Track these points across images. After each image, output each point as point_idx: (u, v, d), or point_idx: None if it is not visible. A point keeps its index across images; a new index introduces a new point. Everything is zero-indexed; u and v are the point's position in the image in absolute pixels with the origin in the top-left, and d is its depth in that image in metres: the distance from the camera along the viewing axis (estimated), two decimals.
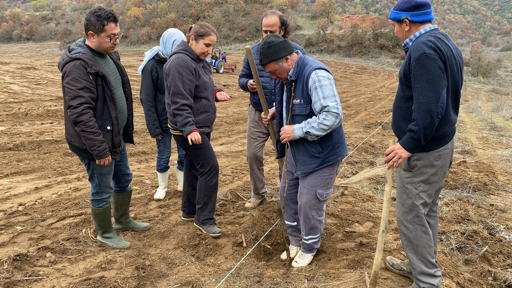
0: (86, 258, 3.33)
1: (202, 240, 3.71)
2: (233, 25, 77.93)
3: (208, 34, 3.60)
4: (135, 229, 3.95)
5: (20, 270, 3.04)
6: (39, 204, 4.58)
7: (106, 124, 3.19)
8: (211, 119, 3.82)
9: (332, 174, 3.15)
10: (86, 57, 3.05)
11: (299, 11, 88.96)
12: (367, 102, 18.33)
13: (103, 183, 3.41)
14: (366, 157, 7.18)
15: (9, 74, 19.11)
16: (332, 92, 2.88)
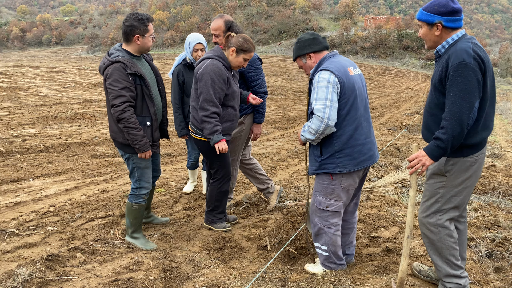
0: (115, 259, 3.41)
1: (227, 243, 3.74)
2: (256, 27, 78.18)
3: (251, 50, 3.64)
4: (155, 223, 4.13)
5: (52, 270, 3.13)
6: (69, 205, 4.71)
7: (146, 120, 3.45)
8: (234, 127, 3.87)
9: (334, 185, 2.98)
10: (125, 60, 3.32)
11: (322, 13, 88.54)
12: (391, 104, 18.08)
13: (143, 178, 3.59)
14: (392, 160, 7.09)
15: (39, 77, 19.69)
16: (325, 95, 2.77)
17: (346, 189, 3.02)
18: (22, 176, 5.90)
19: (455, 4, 2.53)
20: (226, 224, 4.05)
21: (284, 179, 5.98)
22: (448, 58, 2.49)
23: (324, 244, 3.12)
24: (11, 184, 5.54)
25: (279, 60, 47.55)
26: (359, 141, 2.94)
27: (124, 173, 6.19)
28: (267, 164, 6.92)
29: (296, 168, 6.76)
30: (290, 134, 9.99)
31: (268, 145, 8.54)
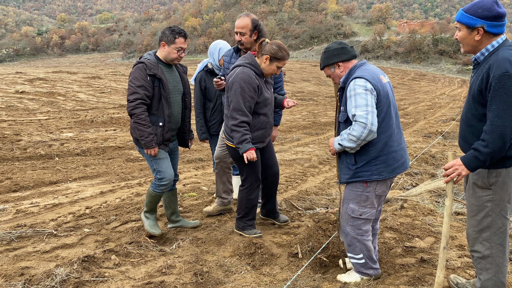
0: (147, 262, 3.47)
1: (257, 249, 3.73)
2: (287, 33, 78.24)
3: (284, 58, 3.64)
4: (185, 227, 4.21)
5: (88, 271, 3.22)
6: (104, 208, 4.83)
7: (159, 120, 3.64)
8: (267, 135, 3.87)
9: (368, 192, 2.95)
10: (149, 62, 3.58)
11: (354, 18, 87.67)
12: (426, 110, 17.64)
13: (161, 168, 3.75)
14: (426, 168, 6.90)
15: (76, 83, 20.40)
16: (365, 101, 2.73)
17: (379, 196, 3.01)
18: (60, 178, 6.11)
19: (500, 8, 2.38)
20: (257, 230, 4.05)
21: (315, 186, 5.92)
22: (489, 67, 2.36)
23: (359, 253, 3.08)
24: (50, 186, 5.75)
25: (310, 65, 47.33)
26: (393, 148, 2.92)
27: None
28: (297, 170, 6.88)
29: (328, 175, 6.69)
30: (321, 140, 9.91)
31: (299, 151, 8.49)
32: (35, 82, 19.22)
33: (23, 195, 5.30)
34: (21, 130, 9.42)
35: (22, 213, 4.63)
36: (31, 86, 18.03)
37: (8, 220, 4.40)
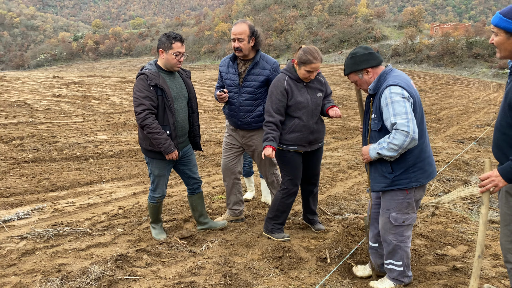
0: (178, 262, 3.55)
1: (286, 252, 3.75)
2: (316, 37, 77.90)
3: (310, 62, 3.66)
4: (213, 228, 4.28)
5: (121, 269, 3.32)
6: (136, 209, 4.97)
7: (166, 129, 3.69)
8: (305, 138, 3.85)
9: (409, 199, 2.94)
10: (149, 72, 3.62)
11: (385, 21, 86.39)
12: (459, 115, 17.18)
13: (156, 183, 3.95)
14: (459, 174, 6.73)
15: (110, 87, 20.98)
16: (404, 109, 2.70)
17: (417, 200, 3.02)
18: (95, 179, 6.31)
19: None
20: (285, 234, 4.07)
21: (344, 191, 5.88)
22: None
23: (399, 260, 3.05)
24: (84, 186, 5.95)
25: (339, 69, 46.95)
26: (427, 153, 2.93)
27: None
28: (326, 175, 6.85)
29: (357, 180, 6.63)
30: (350, 145, 9.82)
31: (327, 155, 8.45)
32: (71, 86, 19.91)
33: (60, 195, 5.51)
34: (57, 132, 9.78)
35: (59, 212, 4.81)
36: (67, 90, 18.68)
37: (46, 219, 4.58)
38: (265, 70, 4.03)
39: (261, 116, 4.04)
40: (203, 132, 10.86)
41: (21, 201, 5.20)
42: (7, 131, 9.61)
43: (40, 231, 4.14)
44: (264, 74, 4.03)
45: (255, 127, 4.16)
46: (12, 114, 12.23)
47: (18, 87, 19.97)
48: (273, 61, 4.09)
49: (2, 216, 4.60)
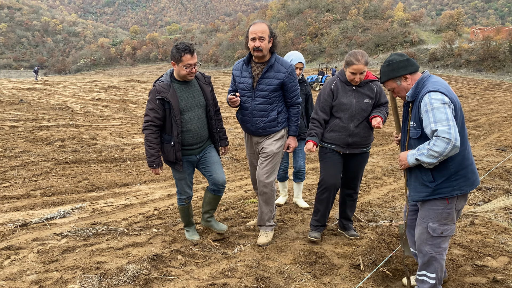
0: (211, 264, 3.60)
1: (318, 258, 3.73)
2: (351, 41, 77.05)
3: (352, 63, 3.74)
4: (213, 229, 4.32)
5: (156, 269, 3.41)
6: (171, 210, 5.07)
7: (171, 140, 3.74)
8: (343, 140, 3.92)
9: (449, 209, 2.83)
10: (160, 85, 3.70)
11: (422, 25, 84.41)
12: (501, 122, 16.52)
13: (179, 186, 4.04)
14: (500, 183, 6.48)
15: (146, 91, 21.51)
16: (445, 115, 2.62)
17: (458, 210, 2.90)
18: (131, 181, 6.49)
19: None
20: (316, 235, 4.12)
21: (378, 198, 5.79)
22: None
23: (433, 272, 2.95)
24: (122, 187, 6.13)
25: (375, 73, 46.17)
26: (469, 161, 2.83)
27: None
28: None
29: (392, 187, 6.50)
30: (385, 151, 9.65)
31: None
32: (109, 90, 20.56)
33: (98, 195, 5.70)
34: (96, 135, 10.12)
35: (98, 211, 4.98)
36: (106, 94, 19.30)
37: (86, 218, 4.75)
38: (280, 73, 3.84)
39: (275, 121, 3.93)
40: (236, 136, 10.95)
41: (62, 200, 5.42)
42: (49, 133, 10.03)
43: (80, 230, 4.30)
44: (279, 78, 3.84)
45: (268, 132, 3.98)
46: (54, 116, 12.75)
47: (60, 91, 20.83)
48: (289, 64, 3.90)
49: (45, 214, 4.81)
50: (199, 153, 3.97)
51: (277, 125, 3.95)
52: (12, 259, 3.66)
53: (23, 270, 3.46)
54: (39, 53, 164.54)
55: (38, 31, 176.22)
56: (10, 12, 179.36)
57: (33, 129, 10.53)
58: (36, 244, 3.99)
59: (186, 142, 3.82)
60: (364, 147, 4.03)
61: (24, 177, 6.45)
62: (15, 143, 8.75)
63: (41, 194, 5.64)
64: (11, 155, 7.75)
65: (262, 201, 4.07)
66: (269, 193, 4.03)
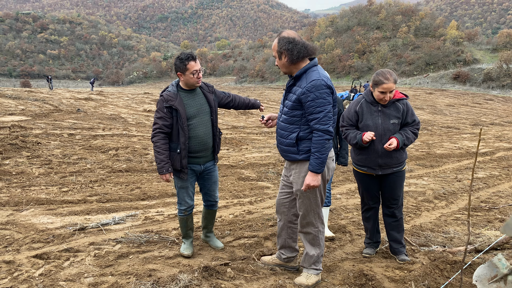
0: (260, 279, 3.61)
1: (368, 280, 3.65)
2: (400, 59, 75.49)
3: (381, 83, 3.78)
4: (210, 245, 4.39)
5: (207, 280, 3.47)
6: (219, 222, 5.15)
7: (177, 147, 3.84)
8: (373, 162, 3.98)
9: None
10: (167, 95, 3.83)
11: (477, 44, 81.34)
12: None
13: (179, 196, 4.07)
14: None
15: None
16: None
17: None
18: None
19: None
20: (368, 251, 4.30)
21: (430, 222, 5.59)
22: None
23: None
24: (172, 197, 6.29)
25: (424, 92, 44.88)
26: None
27: (266, 197, 6.52)
28: (410, 203, 6.57)
29: (444, 211, 6.26)
30: (436, 173, 9.31)
31: (412, 183, 8.09)
32: None
33: (150, 204, 5.89)
34: (148, 145, 10.49)
35: (150, 220, 5.14)
36: None
37: (139, 225, 4.93)
38: (298, 89, 3.26)
39: (294, 146, 3.37)
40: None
41: (117, 207, 5.65)
42: (104, 142, 10.51)
43: (133, 237, 4.45)
44: (296, 93, 3.27)
45: (290, 158, 3.45)
46: (108, 126, 13.36)
47: (113, 101, 21.80)
48: (312, 79, 3.19)
49: (101, 220, 5.03)
50: (204, 164, 4.05)
51: (297, 152, 3.37)
52: (71, 261, 3.86)
53: (81, 272, 3.63)
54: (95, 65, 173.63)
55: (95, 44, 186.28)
56: (72, 26, 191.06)
57: (89, 137, 11.07)
58: (93, 248, 4.18)
59: (193, 149, 3.90)
60: (397, 166, 3.99)
61: (82, 183, 6.78)
62: (73, 150, 9.24)
63: (97, 200, 5.91)
64: (69, 162, 8.19)
65: (306, 240, 3.62)
66: (313, 233, 3.56)
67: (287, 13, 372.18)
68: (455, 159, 11.18)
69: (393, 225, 4.16)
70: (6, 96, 18.74)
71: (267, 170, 8.57)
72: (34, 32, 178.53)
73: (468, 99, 38.90)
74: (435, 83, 59.68)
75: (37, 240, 4.31)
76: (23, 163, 7.82)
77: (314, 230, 3.56)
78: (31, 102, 17.92)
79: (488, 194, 7.29)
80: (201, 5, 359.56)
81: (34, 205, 5.53)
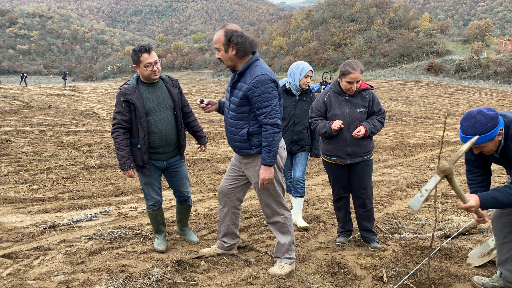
0: (233, 270, 3.62)
1: (341, 268, 3.71)
2: (375, 51, 76.50)
3: (348, 72, 3.86)
4: (185, 239, 4.37)
5: (180, 274, 3.45)
6: (194, 216, 5.13)
7: (137, 142, 3.75)
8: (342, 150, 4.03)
9: None
10: (125, 88, 3.73)
11: (449, 35, 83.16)
12: None
13: (145, 192, 3.98)
14: None
15: None
16: None
17: None
18: None
19: None
20: (342, 239, 4.36)
21: (402, 210, 5.71)
22: None
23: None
24: None
25: (399, 84, 45.69)
26: None
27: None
28: (383, 192, 6.69)
29: None
30: (409, 163, 9.51)
31: (385, 172, 8.24)
32: None
33: (123, 200, 5.82)
34: None
35: (123, 216, 5.08)
36: None
37: (112, 221, 4.86)
38: (244, 85, 3.24)
39: (246, 142, 3.37)
40: None
41: (89, 203, 5.55)
42: (77, 138, 10.31)
43: (106, 233, 4.39)
44: (242, 90, 3.26)
45: (243, 154, 3.44)
46: (81, 122, 13.10)
47: (87, 97, 21.37)
48: (256, 74, 3.19)
49: (72, 217, 4.94)
50: (167, 160, 3.92)
51: (250, 147, 3.37)
52: (41, 260, 3.78)
53: (51, 270, 3.56)
54: (68, 60, 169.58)
55: (67, 39, 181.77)
56: (42, 20, 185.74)
57: (61, 134, 10.83)
58: (64, 246, 4.10)
59: (153, 144, 3.78)
60: (365, 155, 4.06)
61: (53, 180, 6.64)
62: (44, 147, 9.02)
63: (68, 197, 5.80)
64: (40, 159, 7.99)
65: (275, 230, 3.63)
66: (280, 221, 3.58)
67: (263, 6, 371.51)
68: (428, 149, 11.43)
69: (363, 216, 4.23)
70: None
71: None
72: (3, 27, 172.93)
73: (441, 90, 39.81)
74: (409, 74, 60.79)
75: (5, 240, 4.20)
76: None
77: (281, 218, 3.58)
78: (0, 98, 17.38)
79: (459, 181, 7.49)
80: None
81: (2, 204, 5.38)
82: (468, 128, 2.61)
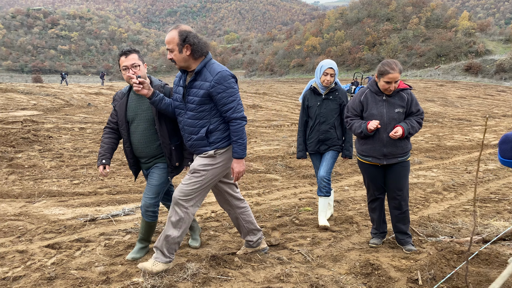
0: (266, 268, 3.66)
1: (374, 270, 3.68)
2: (411, 51, 74.72)
3: (387, 72, 3.80)
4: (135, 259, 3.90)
5: (214, 269, 3.53)
6: (227, 214, 5.20)
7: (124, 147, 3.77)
8: (378, 151, 3.97)
9: None
10: (117, 93, 3.78)
11: (489, 35, 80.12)
12: None
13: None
14: None
15: None
16: None
17: None
18: None
19: None
20: (375, 241, 4.28)
21: (438, 213, 5.59)
22: None
23: None
24: None
25: (435, 84, 44.42)
26: None
27: (274, 189, 6.56)
28: (418, 195, 6.56)
29: (453, 202, 6.24)
30: (446, 165, 9.27)
31: (421, 174, 8.07)
32: None
33: None
34: None
35: (159, 211, 5.21)
36: None
37: None
38: (205, 83, 3.25)
39: (204, 140, 3.35)
40: (290, 144, 10.98)
41: (126, 199, 5.74)
42: None
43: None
44: (204, 88, 3.25)
45: (201, 151, 3.41)
46: None
47: None
48: (217, 71, 3.24)
49: (111, 211, 5.12)
50: (147, 170, 3.78)
51: (208, 145, 3.37)
52: (82, 251, 3.95)
53: (92, 261, 3.72)
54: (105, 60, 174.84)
55: (105, 40, 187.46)
56: (82, 21, 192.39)
57: (99, 131, 11.20)
58: (103, 238, 4.27)
59: (129, 154, 3.73)
60: (402, 156, 4.00)
61: (92, 175, 6.89)
62: (84, 144, 9.38)
63: (107, 192, 6.01)
64: (80, 155, 8.31)
65: (170, 219, 3.41)
66: (181, 216, 3.38)
67: (296, 5, 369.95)
68: (466, 151, 11.10)
69: (399, 218, 4.17)
70: (18, 91, 19.01)
71: (276, 162, 8.60)
72: (45, 28, 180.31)
73: (480, 91, 38.43)
74: (446, 75, 59.01)
75: (49, 231, 4.42)
76: (35, 156, 7.96)
77: (183, 211, 3.37)
78: (43, 97, 18.15)
79: (498, 186, 7.24)
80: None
81: (46, 197, 5.65)
82: (507, 152, 2.55)
